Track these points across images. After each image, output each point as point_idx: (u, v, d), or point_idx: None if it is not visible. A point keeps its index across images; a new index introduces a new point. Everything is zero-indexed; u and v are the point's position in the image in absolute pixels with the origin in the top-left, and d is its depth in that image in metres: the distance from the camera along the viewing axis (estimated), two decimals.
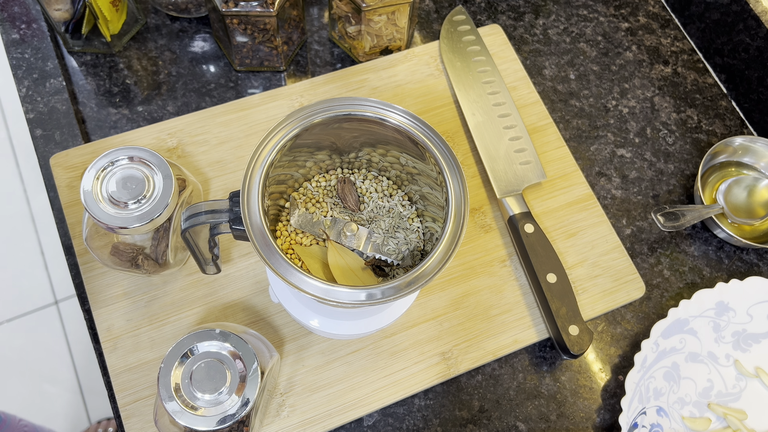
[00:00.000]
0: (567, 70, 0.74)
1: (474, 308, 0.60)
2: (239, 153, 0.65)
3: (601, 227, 0.65)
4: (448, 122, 0.68)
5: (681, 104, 0.74)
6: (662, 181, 0.69)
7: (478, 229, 0.64)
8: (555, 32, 0.76)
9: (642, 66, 0.75)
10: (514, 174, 0.64)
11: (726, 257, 0.67)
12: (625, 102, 0.73)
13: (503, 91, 0.68)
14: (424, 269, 0.43)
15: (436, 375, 0.58)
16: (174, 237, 0.55)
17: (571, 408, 0.59)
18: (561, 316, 0.58)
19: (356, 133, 0.50)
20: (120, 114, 0.67)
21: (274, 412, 0.55)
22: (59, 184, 0.62)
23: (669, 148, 0.71)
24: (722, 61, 0.75)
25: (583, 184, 0.67)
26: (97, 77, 0.69)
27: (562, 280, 0.59)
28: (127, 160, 0.51)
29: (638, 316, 0.63)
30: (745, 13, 0.71)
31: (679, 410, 0.58)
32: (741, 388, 0.60)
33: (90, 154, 0.63)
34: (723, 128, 0.73)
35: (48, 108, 0.66)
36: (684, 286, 0.65)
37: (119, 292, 0.58)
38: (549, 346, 0.61)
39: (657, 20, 0.78)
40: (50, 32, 0.70)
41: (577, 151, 0.70)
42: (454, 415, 0.58)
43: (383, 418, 0.57)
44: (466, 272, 0.62)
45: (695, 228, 0.67)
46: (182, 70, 0.70)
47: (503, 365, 0.60)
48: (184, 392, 0.45)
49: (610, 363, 0.61)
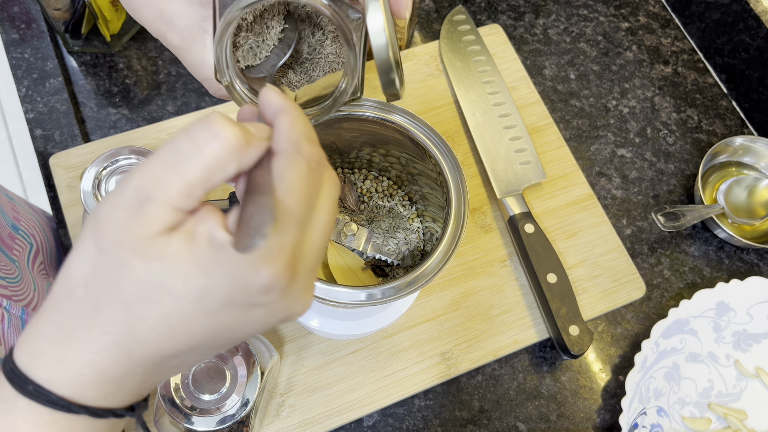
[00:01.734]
0: (567, 70, 0.74)
1: (474, 308, 0.60)
2: None
3: (602, 227, 0.65)
4: (448, 122, 0.68)
5: (681, 104, 0.74)
6: (662, 181, 0.69)
7: (478, 229, 0.64)
8: (555, 32, 0.76)
9: (642, 66, 0.75)
10: (514, 174, 0.64)
11: (726, 257, 0.67)
12: (626, 102, 0.73)
13: (503, 91, 0.68)
14: (424, 269, 0.42)
15: (436, 375, 0.58)
16: None
17: (571, 408, 0.59)
18: (561, 316, 0.57)
19: (356, 133, 0.49)
20: (120, 114, 0.67)
21: (274, 412, 0.55)
22: (59, 184, 0.61)
23: (669, 148, 0.71)
24: (722, 60, 0.75)
25: (584, 184, 0.67)
26: (97, 77, 0.69)
27: (562, 280, 0.59)
28: (127, 161, 0.51)
29: (638, 317, 0.63)
30: (745, 13, 0.71)
31: (680, 410, 0.58)
32: (741, 388, 0.60)
33: (90, 154, 0.63)
34: (723, 128, 0.73)
35: (48, 108, 0.66)
36: (684, 286, 0.65)
37: None
38: (549, 347, 0.61)
39: (657, 20, 0.78)
40: (50, 32, 0.69)
41: (577, 151, 0.70)
42: (454, 415, 0.58)
43: (383, 419, 0.57)
44: (467, 272, 0.62)
45: (695, 228, 0.67)
46: (182, 70, 0.70)
47: (503, 365, 0.60)
48: (184, 392, 0.45)
49: (611, 363, 0.61)
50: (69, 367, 0.26)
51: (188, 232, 0.26)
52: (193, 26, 0.33)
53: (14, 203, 0.55)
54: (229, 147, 0.26)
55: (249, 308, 0.27)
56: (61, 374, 0.26)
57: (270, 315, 0.28)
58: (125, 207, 0.26)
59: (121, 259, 0.26)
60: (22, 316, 0.47)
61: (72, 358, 0.26)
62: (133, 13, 0.33)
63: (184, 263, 0.26)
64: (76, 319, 0.26)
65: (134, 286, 0.26)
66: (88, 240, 0.26)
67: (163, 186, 0.26)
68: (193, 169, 0.26)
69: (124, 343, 0.26)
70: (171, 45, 0.33)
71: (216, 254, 0.26)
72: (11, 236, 0.51)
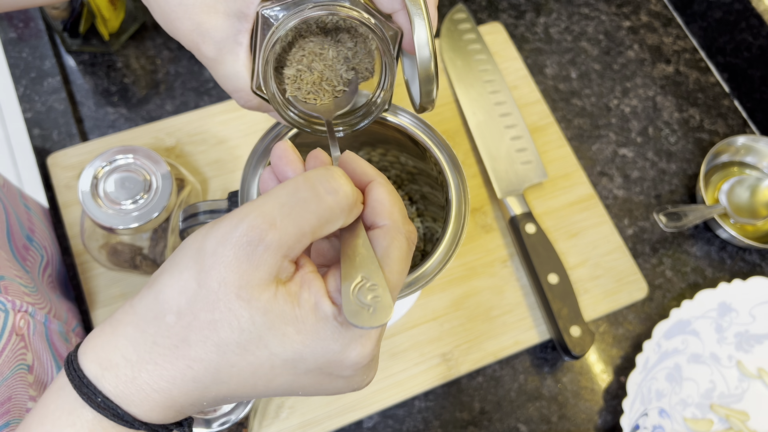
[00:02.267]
0: (568, 69, 0.74)
1: (475, 309, 0.60)
2: (238, 152, 0.64)
3: (603, 227, 0.65)
4: (449, 121, 0.68)
5: (683, 103, 0.73)
6: (664, 181, 0.69)
7: (479, 230, 0.63)
8: (556, 31, 0.76)
9: (644, 65, 0.75)
10: (515, 174, 0.64)
11: (728, 257, 0.66)
12: (627, 101, 0.73)
13: (504, 90, 0.68)
14: (424, 270, 0.42)
15: (436, 376, 0.57)
16: (172, 237, 0.54)
17: (572, 409, 0.59)
18: (562, 317, 0.57)
19: (356, 132, 0.49)
20: (118, 113, 0.67)
21: (273, 413, 0.55)
22: (57, 184, 0.61)
23: (671, 147, 0.71)
24: (724, 60, 0.74)
25: (585, 184, 0.66)
26: (95, 76, 0.69)
27: (563, 280, 0.58)
28: (125, 160, 0.51)
29: (640, 317, 0.63)
30: (747, 12, 0.70)
31: (681, 411, 0.58)
32: (743, 389, 0.60)
33: (88, 154, 0.62)
34: (725, 128, 0.73)
35: (46, 107, 0.66)
36: (686, 286, 0.65)
37: (117, 293, 0.58)
38: (550, 348, 0.60)
39: (659, 19, 0.78)
40: (48, 31, 0.69)
41: (578, 150, 0.70)
42: (455, 416, 0.58)
43: (383, 420, 0.57)
44: (467, 273, 0.61)
45: (698, 228, 0.67)
46: (180, 69, 0.70)
47: (504, 366, 0.60)
48: None
49: (612, 364, 0.61)
50: (140, 388, 0.26)
51: (294, 295, 0.26)
52: (228, 39, 0.33)
53: (31, 214, 0.56)
54: (345, 204, 0.27)
55: (333, 378, 0.28)
56: (131, 392, 0.26)
57: (346, 386, 0.29)
58: (235, 245, 0.25)
59: (225, 302, 0.25)
60: (45, 322, 0.47)
61: (145, 380, 0.26)
62: (168, 25, 0.33)
63: (287, 324, 0.26)
64: (160, 346, 0.26)
65: (233, 333, 0.26)
66: (190, 270, 0.26)
67: (278, 231, 0.26)
68: (310, 218, 0.26)
69: (204, 380, 0.26)
70: (205, 57, 0.34)
71: (318, 324, 0.26)
72: (26, 247, 0.52)
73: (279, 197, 0.26)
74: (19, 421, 0.41)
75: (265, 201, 0.26)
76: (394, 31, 0.34)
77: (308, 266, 0.28)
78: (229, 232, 0.26)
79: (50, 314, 0.49)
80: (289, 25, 0.33)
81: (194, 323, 0.26)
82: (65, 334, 0.51)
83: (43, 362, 0.46)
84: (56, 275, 0.58)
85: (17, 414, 0.41)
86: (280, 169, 0.31)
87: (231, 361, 0.26)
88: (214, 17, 0.32)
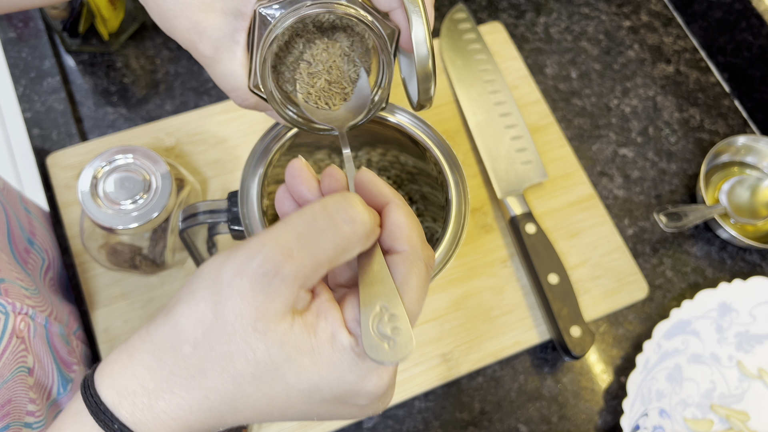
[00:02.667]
0: (569, 69, 0.74)
1: (475, 309, 0.60)
2: (237, 152, 0.64)
3: (604, 227, 0.65)
4: (449, 121, 0.68)
5: (683, 103, 0.73)
6: (665, 181, 0.69)
7: (479, 230, 0.63)
8: (556, 30, 0.76)
9: (644, 65, 0.75)
10: (515, 174, 0.64)
11: (729, 258, 0.66)
12: (627, 101, 0.73)
13: (504, 90, 0.68)
14: None
15: (436, 376, 0.57)
16: (172, 237, 0.54)
17: (572, 410, 0.59)
18: (563, 317, 0.57)
19: (355, 132, 0.49)
20: (117, 113, 0.67)
21: None
22: (56, 184, 0.61)
23: (671, 147, 0.71)
24: (725, 59, 0.74)
25: (585, 184, 0.66)
26: (95, 76, 0.68)
27: (563, 280, 0.58)
28: (125, 160, 0.51)
29: (640, 317, 0.63)
30: (747, 12, 0.70)
31: (682, 412, 0.58)
32: (744, 389, 0.60)
33: (87, 154, 0.62)
34: (726, 128, 0.72)
35: (45, 107, 0.65)
36: (687, 286, 0.65)
37: (117, 293, 0.58)
38: (550, 348, 0.60)
39: (659, 19, 0.78)
40: (47, 31, 0.69)
41: (578, 150, 0.69)
42: (455, 417, 0.57)
43: (383, 420, 0.57)
44: (467, 273, 0.61)
45: (698, 228, 0.67)
46: (180, 69, 0.70)
47: (504, 367, 0.59)
48: None
49: (612, 364, 0.61)
50: (157, 416, 0.26)
51: (311, 326, 0.26)
52: (225, 37, 0.33)
53: (31, 217, 0.56)
54: (363, 232, 0.27)
55: (348, 406, 0.28)
56: (148, 420, 0.26)
57: (361, 413, 0.29)
58: (252, 277, 0.25)
59: (241, 335, 0.25)
60: (46, 325, 0.47)
61: (162, 408, 0.26)
62: (164, 24, 0.33)
63: (303, 356, 0.26)
64: (177, 376, 0.26)
65: (249, 365, 0.26)
66: (206, 300, 0.26)
67: (294, 262, 0.25)
68: (327, 248, 0.26)
69: (220, 409, 0.27)
70: (202, 55, 0.34)
71: (334, 355, 0.26)
72: (27, 250, 0.52)
73: (296, 227, 0.26)
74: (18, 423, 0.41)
75: (282, 230, 0.26)
76: (391, 29, 0.34)
77: (324, 294, 0.28)
78: (246, 263, 0.26)
79: (51, 317, 0.49)
80: (286, 23, 0.33)
81: (210, 354, 0.26)
82: (66, 337, 0.51)
83: (43, 365, 0.46)
84: (58, 278, 0.58)
85: (17, 416, 0.41)
86: (295, 188, 0.31)
87: (247, 391, 0.26)
88: (211, 15, 0.32)
